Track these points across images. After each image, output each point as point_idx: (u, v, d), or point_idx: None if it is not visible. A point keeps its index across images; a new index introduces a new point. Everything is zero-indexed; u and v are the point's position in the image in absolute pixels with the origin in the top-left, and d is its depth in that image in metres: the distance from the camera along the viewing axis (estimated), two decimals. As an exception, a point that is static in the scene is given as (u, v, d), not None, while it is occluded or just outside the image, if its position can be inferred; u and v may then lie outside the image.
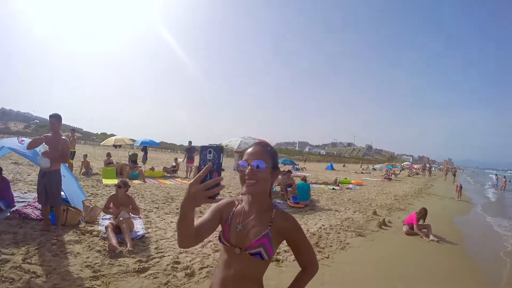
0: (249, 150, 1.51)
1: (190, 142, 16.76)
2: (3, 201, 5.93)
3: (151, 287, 3.79)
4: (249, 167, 1.42)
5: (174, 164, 17.31)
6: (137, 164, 14.76)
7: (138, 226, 5.99)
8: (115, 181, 10.91)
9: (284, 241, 1.56)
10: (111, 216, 5.68)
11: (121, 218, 5.35)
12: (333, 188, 16.06)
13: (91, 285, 3.63)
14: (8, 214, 5.75)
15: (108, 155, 15.02)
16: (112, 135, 18.65)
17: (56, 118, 5.22)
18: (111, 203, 5.73)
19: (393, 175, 29.26)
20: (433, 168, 37.78)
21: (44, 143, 5.08)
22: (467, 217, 11.51)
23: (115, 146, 17.00)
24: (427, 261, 5.81)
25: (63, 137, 5.29)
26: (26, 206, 6.14)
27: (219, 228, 1.60)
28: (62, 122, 5.40)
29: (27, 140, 6.24)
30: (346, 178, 21.57)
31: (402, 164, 53.65)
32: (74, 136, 13.30)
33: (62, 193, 5.84)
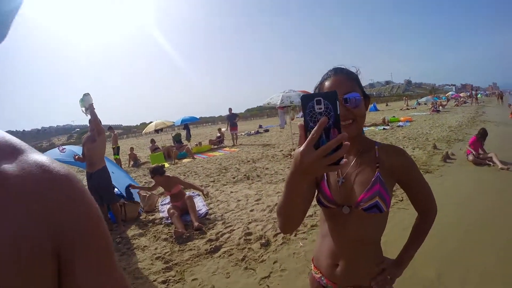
0: (328, 82, 1.16)
1: (230, 109, 16.24)
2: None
3: (228, 266, 3.44)
4: (340, 105, 1.06)
5: (218, 134, 17.10)
6: (183, 143, 14.69)
7: (199, 203, 5.69)
8: (166, 164, 10.85)
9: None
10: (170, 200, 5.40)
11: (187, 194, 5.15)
12: (384, 128, 15.41)
13: (166, 277, 3.34)
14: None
15: (152, 141, 15.05)
16: (151, 122, 18.83)
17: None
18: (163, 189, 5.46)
19: (440, 107, 27.58)
20: (479, 94, 35.09)
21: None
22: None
23: (156, 131, 16.96)
24: (508, 192, 4.98)
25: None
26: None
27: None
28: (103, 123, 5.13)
29: (68, 147, 6.08)
30: (394, 116, 20.32)
31: (446, 95, 50.37)
32: (114, 132, 13.42)
33: (115, 189, 5.67)
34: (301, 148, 0.72)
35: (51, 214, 0.53)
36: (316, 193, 1.27)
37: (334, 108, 0.71)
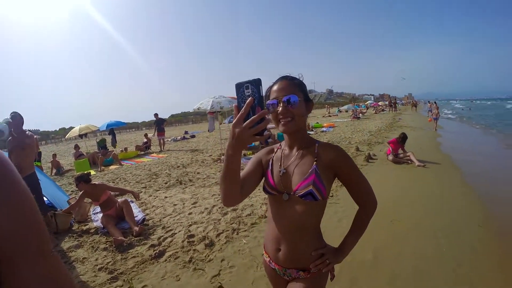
0: (275, 87, 1.34)
1: (156, 115, 15.79)
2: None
3: (176, 269, 3.51)
4: (281, 104, 1.28)
5: (145, 140, 16.59)
6: (108, 149, 14.02)
7: (135, 210, 5.55)
8: (92, 172, 10.32)
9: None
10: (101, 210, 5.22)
11: (119, 200, 5.11)
12: (308, 134, 16.29)
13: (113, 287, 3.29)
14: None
15: (76, 147, 14.03)
16: (71, 127, 17.57)
17: (19, 115, 4.73)
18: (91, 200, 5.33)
19: (360, 114, 30.18)
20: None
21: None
22: (444, 143, 11.51)
23: (81, 136, 15.81)
24: (424, 186, 6.01)
25: (28, 133, 4.83)
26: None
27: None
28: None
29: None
30: (317, 123, 21.74)
31: (366, 103, 55.07)
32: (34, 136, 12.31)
33: (45, 198, 5.32)
34: (233, 122, 0.97)
35: None
36: (263, 182, 1.49)
37: (258, 91, 0.94)
